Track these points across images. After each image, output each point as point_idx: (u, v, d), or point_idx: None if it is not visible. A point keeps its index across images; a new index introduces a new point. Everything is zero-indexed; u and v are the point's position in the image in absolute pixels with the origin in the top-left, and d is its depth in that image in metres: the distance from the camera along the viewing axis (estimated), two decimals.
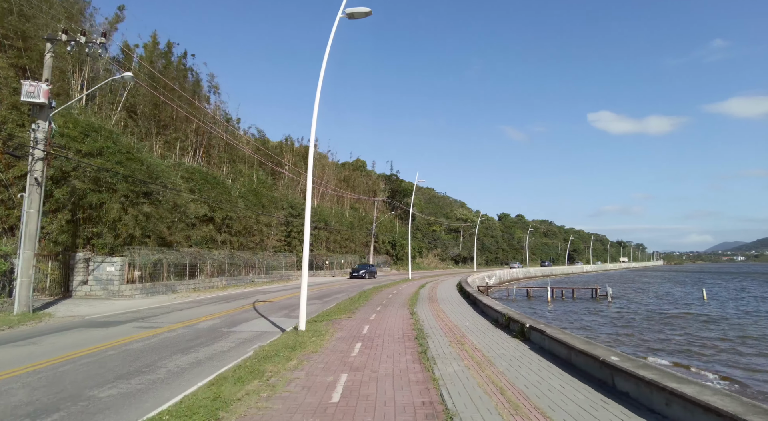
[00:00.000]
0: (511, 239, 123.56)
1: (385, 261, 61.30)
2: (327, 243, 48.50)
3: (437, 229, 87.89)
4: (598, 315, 25.60)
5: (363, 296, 21.11)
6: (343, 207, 58.43)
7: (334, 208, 54.35)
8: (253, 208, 33.42)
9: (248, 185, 35.04)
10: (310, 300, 20.65)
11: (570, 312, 26.95)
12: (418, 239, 75.56)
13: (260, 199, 35.34)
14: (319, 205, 50.99)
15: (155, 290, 22.05)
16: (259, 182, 37.15)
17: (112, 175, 21.05)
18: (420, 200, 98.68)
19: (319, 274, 44.87)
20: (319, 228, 47.19)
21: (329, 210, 51.31)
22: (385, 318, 13.43)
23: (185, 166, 29.53)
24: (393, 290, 25.51)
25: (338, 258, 48.47)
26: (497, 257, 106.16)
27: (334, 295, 23.03)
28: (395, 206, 69.20)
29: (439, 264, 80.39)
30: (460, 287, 24.89)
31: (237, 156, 38.97)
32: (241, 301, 19.77)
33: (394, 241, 64.64)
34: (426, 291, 25.02)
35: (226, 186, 31.43)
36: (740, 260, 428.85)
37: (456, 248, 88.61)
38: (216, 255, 28.61)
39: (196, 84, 35.82)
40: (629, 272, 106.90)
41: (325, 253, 47.08)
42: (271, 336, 10.59)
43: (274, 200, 37.52)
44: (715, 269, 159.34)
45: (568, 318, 24.25)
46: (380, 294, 22.84)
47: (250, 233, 33.58)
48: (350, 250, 53.10)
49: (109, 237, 21.19)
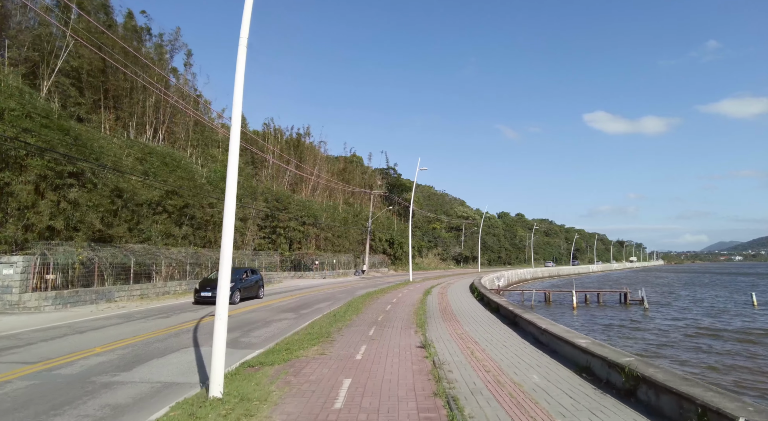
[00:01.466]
0: (513, 238, 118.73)
1: (382, 261, 56.09)
2: (317, 241, 43.22)
3: (437, 227, 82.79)
4: (650, 331, 20.44)
5: (351, 307, 15.87)
6: (336, 201, 53.16)
7: (325, 202, 49.07)
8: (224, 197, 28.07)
9: (221, 172, 29.71)
10: (284, 312, 15.46)
11: (611, 326, 21.81)
12: (418, 238, 70.44)
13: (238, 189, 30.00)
14: (308, 199, 45.69)
15: (79, 298, 16.72)
16: None
17: (18, 146, 15.75)
18: (419, 197, 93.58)
19: (307, 276, 39.58)
20: (308, 224, 41.88)
21: (320, 205, 46.01)
22: (380, 355, 8.21)
23: (139, 144, 24.20)
24: (392, 298, 20.30)
25: (330, 258, 43.21)
26: (500, 256, 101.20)
27: (315, 305, 17.78)
28: (393, 201, 64.03)
29: (439, 264, 75.28)
30: (479, 294, 19.70)
31: (210, 140, 33.64)
32: (189, 314, 14.54)
33: (392, 239, 59.45)
34: (434, 299, 19.81)
35: (190, 170, 26.08)
36: (738, 259, 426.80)
37: (457, 247, 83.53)
38: (174, 254, 23.29)
39: (160, 53, 30.40)
40: (634, 273, 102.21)
41: (315, 252, 41.79)
42: (159, 404, 5.35)
43: (253, 190, 32.17)
44: (720, 268, 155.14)
45: (621, 335, 19.11)
46: (375, 304, 17.61)
47: (220, 227, 28.18)
48: (344, 249, 47.86)
49: (12, 229, 15.86)
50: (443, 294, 22.11)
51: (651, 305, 29.66)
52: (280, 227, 40.02)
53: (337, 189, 55.10)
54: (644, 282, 61.56)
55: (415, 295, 21.81)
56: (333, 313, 14.52)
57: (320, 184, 51.04)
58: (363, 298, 19.92)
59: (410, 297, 20.61)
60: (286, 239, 40.98)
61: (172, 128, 29.92)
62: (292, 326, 12.03)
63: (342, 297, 21.35)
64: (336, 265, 44.65)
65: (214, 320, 5.72)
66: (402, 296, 21.39)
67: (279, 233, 40.15)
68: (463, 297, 20.43)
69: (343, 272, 44.99)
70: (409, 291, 24.19)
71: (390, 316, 13.79)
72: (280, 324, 12.60)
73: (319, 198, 49.18)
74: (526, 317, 10.04)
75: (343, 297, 21.31)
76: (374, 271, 51.74)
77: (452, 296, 20.89)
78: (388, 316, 13.77)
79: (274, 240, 40.46)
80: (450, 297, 20.46)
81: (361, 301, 18.33)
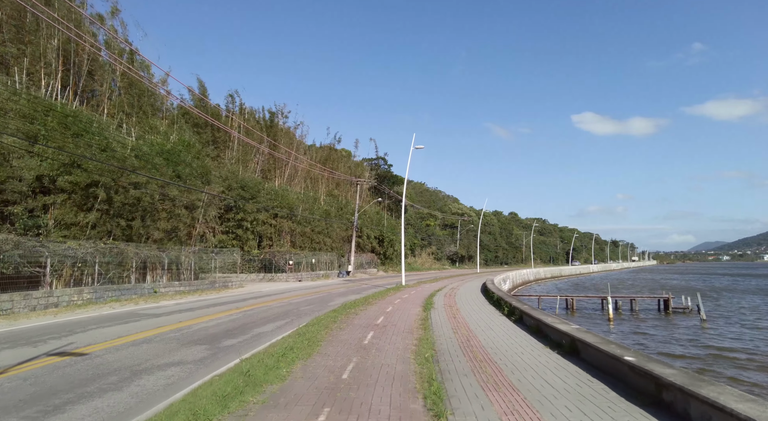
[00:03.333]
0: (510, 237, 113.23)
1: (371, 261, 49.58)
2: (292, 237, 36.57)
3: (431, 224, 76.56)
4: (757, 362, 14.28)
5: (306, 338, 9.27)
6: (317, 192, 46.49)
7: (304, 193, 42.38)
8: (159, 175, 21.28)
9: (160, 146, 22.93)
10: (186, 345, 8.94)
11: (691, 350, 15.61)
12: (410, 235, 64.09)
13: (177, 166, 23.20)
14: (282, 186, 38.99)
15: None
16: (181, 144, 24.93)
17: None
18: (411, 193, 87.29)
19: (279, 278, 32.92)
20: (281, 217, 35.21)
21: (297, 195, 39.33)
22: None
23: (25, 96, 17.37)
24: (377, 314, 13.85)
25: (308, 257, 36.60)
26: (497, 255, 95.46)
27: (257, 328, 11.22)
28: (383, 193, 57.59)
29: (433, 264, 69.02)
30: (511, 309, 13.28)
31: (151, 107, 26.81)
32: (52, 344, 8.00)
33: (382, 236, 52.99)
34: (442, 317, 13.37)
35: (106, 137, 19.24)
36: (726, 259, 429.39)
37: (452, 246, 77.38)
38: (75, 250, 16.53)
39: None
40: (635, 273, 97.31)
41: (290, 250, 35.13)
42: None
43: (205, 171, 25.41)
44: (718, 268, 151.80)
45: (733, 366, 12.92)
46: (349, 329, 11.09)
47: (153, 216, 21.49)
48: (326, 246, 41.26)
49: None
50: (452, 306, 15.70)
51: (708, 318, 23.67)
52: (247, 220, 33.32)
53: (319, 178, 48.46)
54: (657, 284, 56.09)
55: (412, 308, 15.36)
56: (271, 349, 7.98)
57: (298, 171, 44.33)
58: (335, 314, 13.42)
59: (404, 313, 14.15)
60: (254, 234, 34.28)
61: (92, 87, 23.06)
62: (183, 385, 5.46)
63: (307, 311, 14.86)
64: (316, 265, 38.06)
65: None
66: (392, 310, 14.93)
67: (245, 226, 33.45)
68: (485, 314, 14.02)
69: (325, 273, 38.43)
70: (403, 301, 17.74)
71: (368, 364, 7.29)
72: (157, 378, 6.01)
73: (297, 187, 42.46)
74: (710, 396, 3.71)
75: (308, 311, 14.82)
76: (361, 272, 45.25)
77: (467, 311, 14.49)
78: (365, 364, 7.27)
79: (239, 236, 33.75)
80: (464, 313, 14.04)
81: (329, 321, 11.82)
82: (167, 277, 22.92)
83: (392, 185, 60.04)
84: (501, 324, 11.72)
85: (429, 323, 11.77)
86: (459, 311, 14.33)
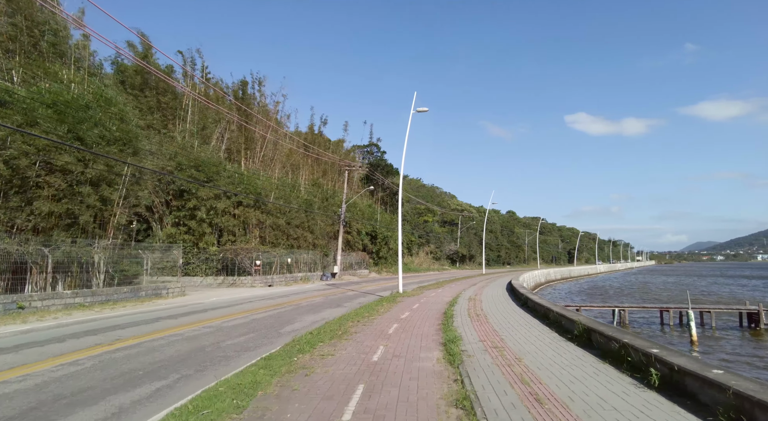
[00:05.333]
0: (511, 235, 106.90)
1: (361, 260, 42.65)
2: (262, 231, 29.53)
3: (429, 219, 69.81)
4: None
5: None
6: (299, 178, 39.44)
7: (281, 179, 35.31)
8: (40, 132, 14.04)
9: (53, 94, 15.82)
10: None
11: None
12: (407, 232, 57.28)
13: (79, 124, 15.99)
14: (249, 169, 31.95)
15: None
16: (97, 97, 17.75)
17: None
18: (407, 188, 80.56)
19: (243, 283, 25.95)
20: (246, 206, 28.19)
21: (269, 179, 32.27)
22: None
23: None
24: (357, 369, 6.88)
25: (283, 256, 29.60)
26: (499, 255, 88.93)
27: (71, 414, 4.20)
28: (377, 181, 50.71)
29: (432, 264, 62.25)
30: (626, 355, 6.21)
31: (58, 54, 19.69)
32: None
33: (375, 232, 46.09)
34: (498, 380, 6.40)
35: None
36: (720, 259, 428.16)
37: (453, 245, 70.67)
38: None
39: None
40: (643, 275, 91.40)
41: (258, 246, 28.10)
42: None
43: (130, 139, 18.25)
44: (721, 268, 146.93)
45: None
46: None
47: (27, 192, 14.35)
48: (306, 243, 34.26)
49: None
50: (501, 349, 8.68)
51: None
52: (202, 209, 26.30)
53: (301, 165, 41.44)
54: (683, 287, 49.81)
55: (423, 348, 8.36)
56: None
57: (275, 155, 37.28)
58: (266, 373, 6.47)
59: (412, 367, 7.19)
60: (212, 227, 27.24)
61: None
62: None
63: (229, 353, 7.96)
64: (293, 266, 31.08)
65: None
66: (385, 356, 7.92)
67: (200, 217, 26.42)
68: (592, 382, 7.10)
69: (304, 276, 31.47)
70: (403, 328, 10.76)
71: None
72: None
73: (271, 172, 35.40)
74: None
75: (230, 353, 7.93)
76: (350, 273, 38.33)
77: (540, 367, 7.54)
78: None
79: (193, 229, 26.72)
80: (545, 378, 7.08)
81: (238, 396, 4.88)
82: (67, 283, 15.88)
83: (386, 175, 53.20)
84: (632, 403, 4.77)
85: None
86: (525, 367, 7.39)
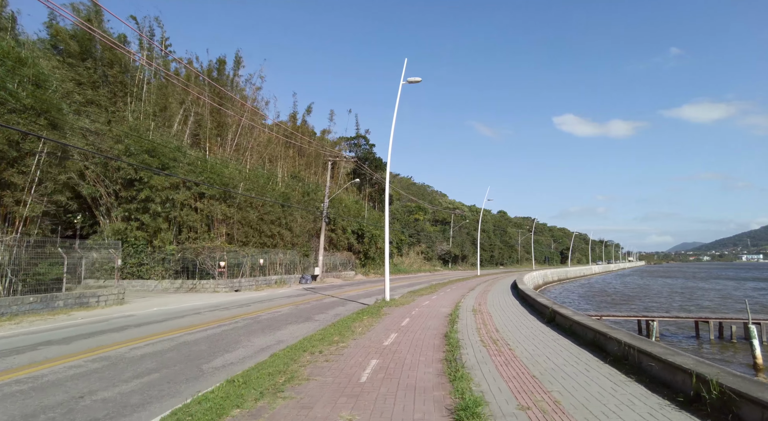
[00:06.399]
0: (504, 235, 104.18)
1: (347, 261, 39.00)
2: (230, 227, 25.71)
3: (420, 218, 66.40)
4: None
5: None
6: (277, 170, 35.63)
7: (256, 169, 31.45)
8: None
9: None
10: None
11: None
12: (397, 231, 53.79)
13: None
14: (216, 157, 28.11)
15: None
16: (3, 53, 13.80)
17: None
18: (397, 187, 77.15)
19: (205, 288, 22.18)
20: (211, 198, 24.41)
21: (240, 168, 28.43)
22: None
23: None
24: None
25: (254, 256, 25.83)
26: (492, 255, 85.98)
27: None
28: (364, 175, 47.11)
29: (423, 265, 58.82)
30: None
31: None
32: None
33: (362, 230, 42.48)
34: None
35: None
36: (706, 259, 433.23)
37: (445, 244, 67.36)
38: None
39: None
40: (640, 276, 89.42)
41: (223, 245, 24.28)
42: None
43: (49, 109, 14.29)
44: (715, 268, 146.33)
45: None
46: None
47: None
48: (284, 242, 30.50)
49: None
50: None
51: None
52: (156, 201, 22.43)
53: (280, 157, 37.66)
54: (691, 290, 47.20)
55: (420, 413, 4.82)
56: None
57: (251, 143, 33.43)
58: None
59: None
60: (168, 221, 23.38)
61: None
62: None
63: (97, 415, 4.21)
64: (267, 268, 27.33)
65: None
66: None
67: (154, 210, 22.55)
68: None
69: (280, 279, 27.75)
70: (386, 371, 7.17)
71: None
72: None
73: (246, 163, 31.53)
74: None
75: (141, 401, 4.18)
76: (333, 276, 34.66)
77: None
78: None
79: (146, 224, 22.84)
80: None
81: None
82: None
83: (375, 169, 49.61)
84: None
85: None
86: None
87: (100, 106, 22.05)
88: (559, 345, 8.09)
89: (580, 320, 8.85)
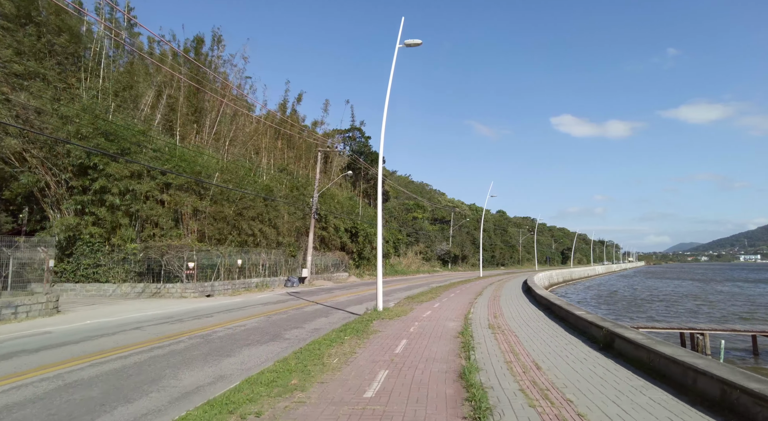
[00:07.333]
0: (504, 235, 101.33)
1: (340, 261, 35.90)
2: (201, 223, 22.55)
3: (419, 216, 63.36)
4: None
5: None
6: (262, 162, 32.48)
7: (237, 160, 28.30)
8: None
9: None
10: None
11: None
12: (393, 230, 50.73)
13: None
14: (191, 145, 25.00)
15: None
16: None
17: None
18: (394, 185, 74.04)
19: (171, 292, 19.08)
20: (178, 189, 21.27)
21: (211, 157, 25.28)
22: None
23: None
24: None
25: (232, 256, 22.70)
26: (493, 255, 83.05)
27: None
28: (359, 170, 44.04)
29: (422, 265, 55.77)
30: None
31: None
32: None
33: (356, 228, 39.42)
34: None
35: None
36: (704, 260, 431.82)
37: (444, 244, 64.35)
38: None
39: None
40: (646, 277, 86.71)
41: (194, 243, 21.13)
42: None
43: None
44: (714, 268, 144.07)
45: None
46: None
47: None
48: (268, 241, 27.37)
49: None
50: None
51: None
52: (114, 192, 19.28)
53: (268, 147, 34.55)
54: (706, 294, 44.40)
55: None
56: None
57: (236, 133, 30.30)
58: None
59: None
60: (129, 215, 20.23)
61: None
62: None
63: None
64: (248, 269, 24.23)
65: None
66: None
67: (111, 202, 19.40)
68: None
69: (261, 281, 24.67)
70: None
71: None
72: None
73: (227, 153, 28.37)
74: None
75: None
76: (324, 277, 31.55)
77: None
78: None
79: (103, 219, 19.71)
80: None
81: None
82: None
83: (371, 164, 46.49)
84: None
85: None
86: None
87: (46, 81, 18.91)
88: (650, 400, 5.03)
89: (665, 351, 5.79)
